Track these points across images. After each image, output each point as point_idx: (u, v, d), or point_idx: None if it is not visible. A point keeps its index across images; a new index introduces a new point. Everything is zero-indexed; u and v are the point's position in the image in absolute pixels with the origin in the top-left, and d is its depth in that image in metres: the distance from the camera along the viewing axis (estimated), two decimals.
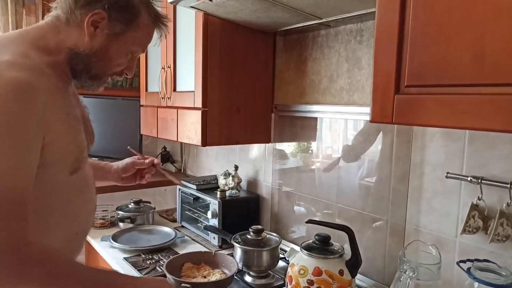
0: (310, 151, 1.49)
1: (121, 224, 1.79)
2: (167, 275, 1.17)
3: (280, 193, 1.61)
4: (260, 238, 1.37)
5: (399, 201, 1.16)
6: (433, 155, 1.07)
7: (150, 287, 0.89)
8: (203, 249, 1.58)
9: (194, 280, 1.22)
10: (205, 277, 1.25)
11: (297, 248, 1.47)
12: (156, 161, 1.28)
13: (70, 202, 0.92)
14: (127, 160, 1.26)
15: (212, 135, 1.45)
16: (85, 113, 0.98)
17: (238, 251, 1.35)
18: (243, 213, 1.65)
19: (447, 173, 1.01)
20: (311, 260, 1.09)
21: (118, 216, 1.80)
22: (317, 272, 1.06)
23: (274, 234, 1.41)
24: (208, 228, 1.55)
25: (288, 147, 1.59)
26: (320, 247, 1.12)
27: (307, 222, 1.16)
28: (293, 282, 1.09)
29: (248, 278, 1.35)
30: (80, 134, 0.92)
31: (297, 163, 1.53)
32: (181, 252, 1.55)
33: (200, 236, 1.71)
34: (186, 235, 1.72)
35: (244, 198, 1.67)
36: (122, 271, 1.37)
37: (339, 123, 1.36)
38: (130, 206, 1.86)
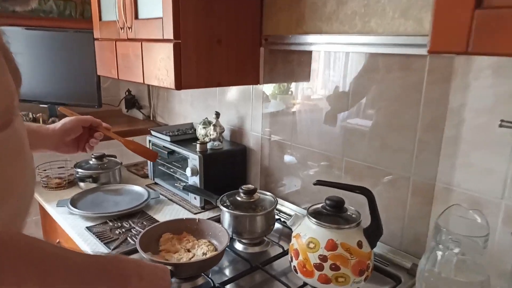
0: (309, 94, 1.23)
1: (81, 184, 1.51)
2: (142, 254, 0.93)
3: (272, 143, 1.36)
4: (252, 200, 1.14)
5: (426, 155, 0.95)
6: (478, 98, 0.84)
7: (155, 277, 0.70)
8: (183, 211, 1.35)
9: (176, 257, 0.99)
10: (189, 250, 1.03)
11: (299, 209, 1.27)
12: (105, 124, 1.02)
13: (2, 171, 0.64)
14: (69, 118, 0.97)
15: (189, 75, 1.15)
16: (2, 43, 0.66)
17: (227, 216, 1.12)
18: (227, 168, 1.41)
19: (501, 121, 0.79)
20: (323, 231, 0.88)
21: (78, 175, 1.51)
22: (332, 246, 0.86)
23: (269, 193, 1.19)
24: (188, 189, 1.31)
25: (281, 89, 1.32)
26: (332, 213, 0.91)
27: (315, 184, 0.94)
28: (301, 257, 0.89)
29: (238, 246, 1.15)
30: (4, 72, 0.61)
31: (293, 108, 1.28)
32: (157, 216, 1.31)
33: (178, 195, 1.47)
34: (161, 195, 1.47)
35: (228, 151, 1.42)
36: (84, 244, 1.12)
37: (348, 58, 1.09)
38: (91, 162, 1.57)
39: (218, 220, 1.25)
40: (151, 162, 1.57)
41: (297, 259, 0.90)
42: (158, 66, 1.18)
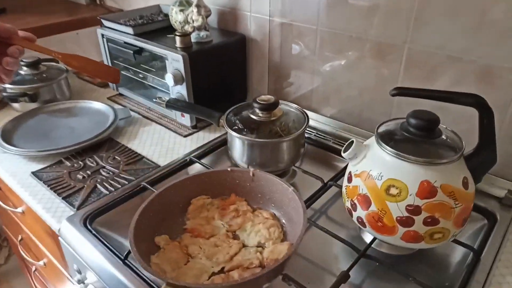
0: None
1: (15, 105, 1.08)
2: (135, 255, 0.50)
3: (285, 29, 0.95)
4: (274, 118, 0.79)
5: None
6: None
7: None
8: (168, 134, 0.98)
9: (204, 253, 0.57)
10: (234, 233, 0.61)
11: (328, 121, 0.93)
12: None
13: None
14: None
15: None
16: None
17: (238, 144, 0.78)
18: (223, 69, 1.00)
19: None
20: (412, 169, 0.56)
21: (7, 94, 1.06)
22: (428, 191, 0.55)
23: (293, 105, 0.84)
24: (175, 106, 0.91)
25: None
26: (420, 139, 0.58)
27: (394, 94, 0.58)
28: (374, 208, 0.58)
29: None
30: None
31: None
32: (133, 144, 0.94)
33: (154, 110, 1.08)
34: (132, 111, 1.08)
35: (222, 44, 0.99)
36: (33, 201, 0.76)
37: None
38: (23, 72, 1.11)
39: (222, 143, 0.91)
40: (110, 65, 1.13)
41: (367, 209, 0.60)
42: None
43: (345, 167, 0.83)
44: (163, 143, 0.95)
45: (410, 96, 0.59)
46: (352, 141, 0.62)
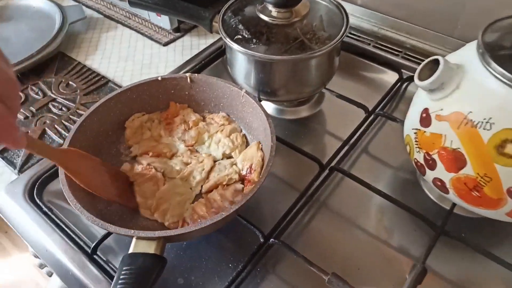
0: None
1: None
2: (73, 203, 0.37)
3: None
4: (296, 19, 0.51)
5: None
6: None
7: None
8: (141, 41, 0.70)
9: (172, 169, 0.46)
10: (192, 147, 0.49)
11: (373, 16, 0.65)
12: None
13: None
14: None
15: None
16: None
17: (241, 61, 0.52)
18: None
19: None
20: None
21: None
22: None
23: None
24: (141, 3, 0.59)
25: None
26: None
27: None
28: (471, 170, 0.37)
29: (267, 107, 0.60)
30: None
31: None
32: (92, 61, 0.67)
33: (119, 6, 0.78)
34: (88, 9, 0.78)
35: None
36: None
37: None
38: None
39: (220, 53, 0.66)
40: None
41: (456, 172, 0.38)
42: None
43: (394, 86, 0.60)
44: (135, 56, 0.68)
45: None
46: (437, 60, 0.38)
